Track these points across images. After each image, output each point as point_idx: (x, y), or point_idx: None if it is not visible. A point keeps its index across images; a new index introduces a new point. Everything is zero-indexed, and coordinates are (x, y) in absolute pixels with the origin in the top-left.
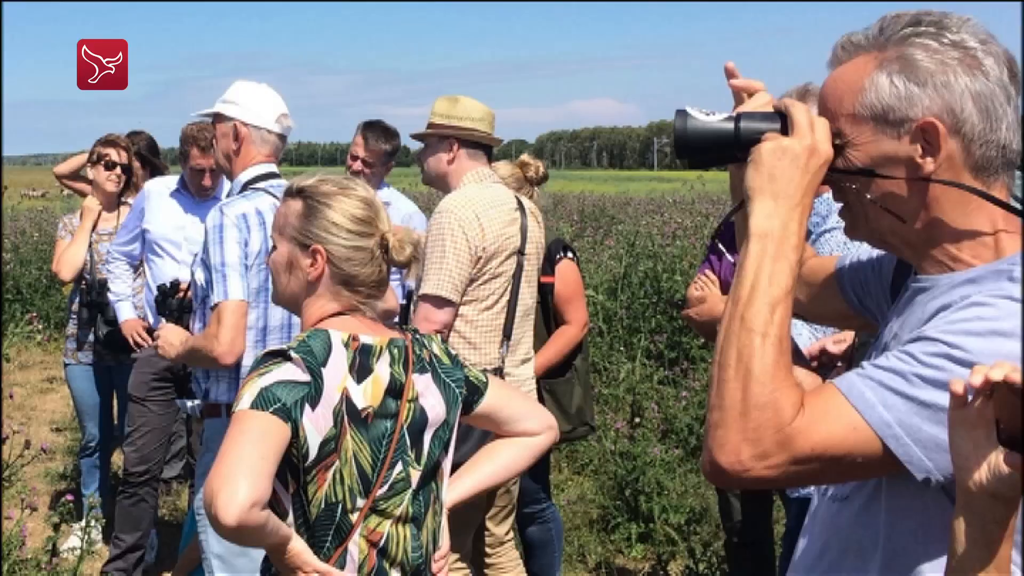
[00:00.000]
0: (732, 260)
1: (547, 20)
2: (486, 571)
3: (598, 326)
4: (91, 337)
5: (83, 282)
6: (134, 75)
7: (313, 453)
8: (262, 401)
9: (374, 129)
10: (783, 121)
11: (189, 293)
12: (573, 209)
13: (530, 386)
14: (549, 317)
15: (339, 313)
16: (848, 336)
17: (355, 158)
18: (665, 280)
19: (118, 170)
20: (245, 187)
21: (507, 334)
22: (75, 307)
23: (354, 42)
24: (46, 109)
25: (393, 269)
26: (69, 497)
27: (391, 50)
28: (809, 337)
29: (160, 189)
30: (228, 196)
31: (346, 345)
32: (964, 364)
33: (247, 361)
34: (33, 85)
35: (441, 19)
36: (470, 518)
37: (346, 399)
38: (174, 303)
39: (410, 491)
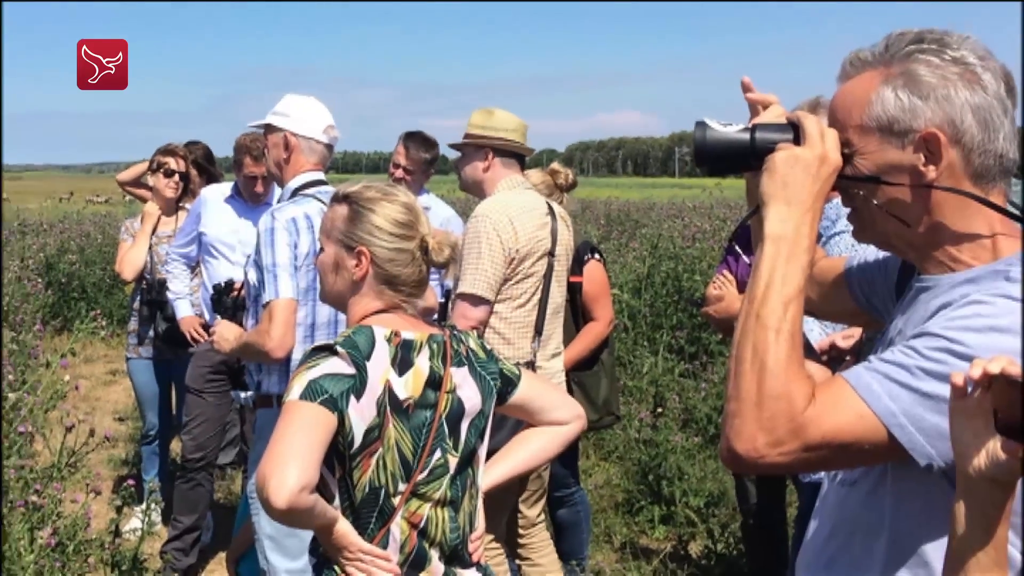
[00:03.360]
0: (748, 261)
1: (574, 37)
2: (519, 551)
3: (623, 323)
4: (151, 333)
5: (144, 282)
6: (193, 89)
7: (358, 441)
8: (311, 392)
9: (415, 139)
10: (795, 132)
11: (243, 292)
12: (600, 214)
13: (560, 378)
14: (577, 314)
15: (382, 311)
16: (856, 332)
17: (397, 166)
18: (686, 280)
19: (176, 177)
20: (295, 193)
21: (538, 330)
22: (136, 305)
23: (395, 58)
24: (109, 120)
25: (432, 269)
26: (131, 482)
27: (430, 65)
28: (820, 333)
29: (216, 195)
30: (279, 202)
31: (388, 340)
32: (964, 358)
33: (296, 355)
34: (96, 97)
35: (476, 35)
36: (504, 501)
37: (389, 390)
38: (229, 301)
39: (448, 476)
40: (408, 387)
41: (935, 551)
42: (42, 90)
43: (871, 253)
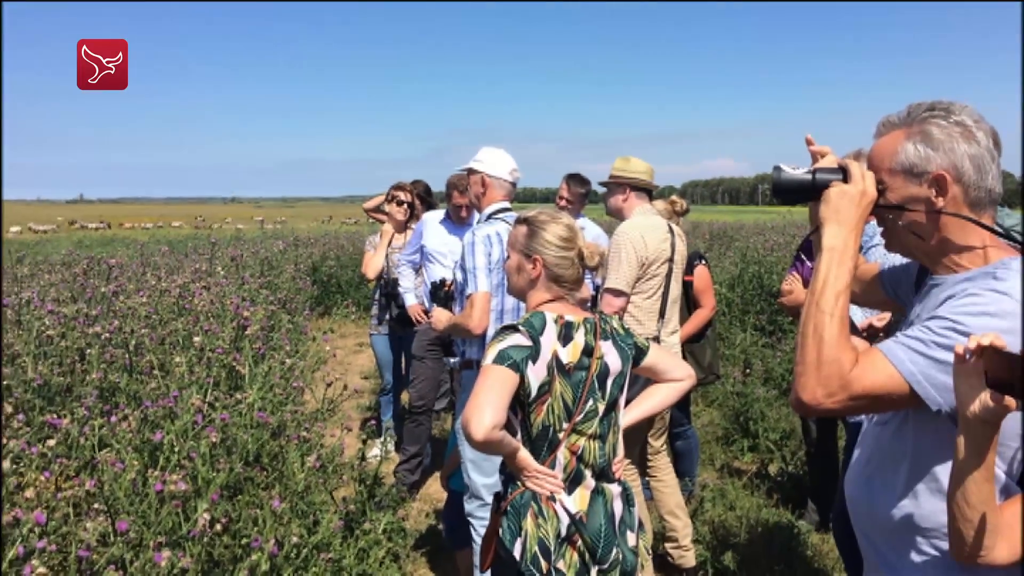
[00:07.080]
0: (810, 265)
1: (687, 104)
2: (648, 471)
3: (722, 309)
4: (387, 316)
5: (382, 280)
6: (416, 143)
7: (533, 393)
8: (500, 358)
9: (574, 178)
10: (844, 173)
11: (452, 287)
12: (705, 231)
13: (677, 349)
14: (689, 303)
15: (551, 300)
16: (887, 315)
17: (561, 198)
18: (766, 279)
19: (405, 206)
20: (489, 217)
21: (662, 314)
22: (377, 296)
23: (560, 120)
24: (357, 165)
25: (586, 270)
26: (372, 422)
27: (584, 125)
28: (862, 316)
29: (433, 219)
30: (478, 223)
31: (555, 322)
32: (963, 334)
33: (491, 332)
34: (348, 146)
35: (616, 101)
36: (637, 435)
37: (555, 357)
38: (442, 294)
39: (598, 418)
40: (569, 354)
41: (943, 471)
42: (310, 143)
43: (898, 259)
